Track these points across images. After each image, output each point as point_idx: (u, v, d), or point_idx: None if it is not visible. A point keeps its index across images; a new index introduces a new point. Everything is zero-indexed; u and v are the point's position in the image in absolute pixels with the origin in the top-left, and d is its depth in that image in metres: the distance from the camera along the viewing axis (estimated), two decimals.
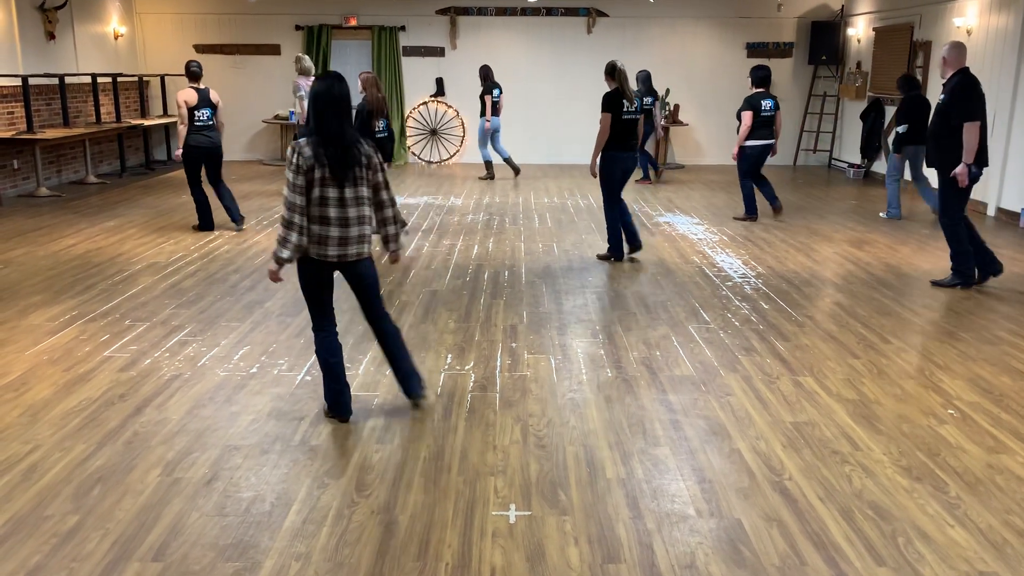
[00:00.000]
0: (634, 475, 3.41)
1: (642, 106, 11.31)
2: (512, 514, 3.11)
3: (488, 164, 12.15)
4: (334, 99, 3.63)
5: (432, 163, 14.10)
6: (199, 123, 7.83)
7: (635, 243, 7.18)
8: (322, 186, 3.59)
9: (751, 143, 8.83)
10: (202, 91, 7.87)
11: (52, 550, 2.85)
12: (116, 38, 12.85)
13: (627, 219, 7.16)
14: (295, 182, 3.55)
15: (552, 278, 6.61)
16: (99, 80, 11.78)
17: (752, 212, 9.12)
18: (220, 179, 8.11)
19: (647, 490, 3.29)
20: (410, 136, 14.15)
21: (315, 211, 3.62)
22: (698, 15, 13.79)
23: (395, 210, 3.87)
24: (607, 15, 13.72)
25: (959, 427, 3.92)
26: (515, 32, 13.84)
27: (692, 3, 13.73)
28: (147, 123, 12.54)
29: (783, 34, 13.95)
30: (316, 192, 3.59)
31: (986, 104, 6.14)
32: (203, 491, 3.24)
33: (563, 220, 9.06)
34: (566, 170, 13.27)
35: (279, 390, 4.26)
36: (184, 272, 6.58)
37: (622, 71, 6.77)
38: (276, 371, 4.51)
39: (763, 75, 8.82)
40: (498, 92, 11.86)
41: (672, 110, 13.70)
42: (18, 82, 10.10)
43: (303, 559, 2.82)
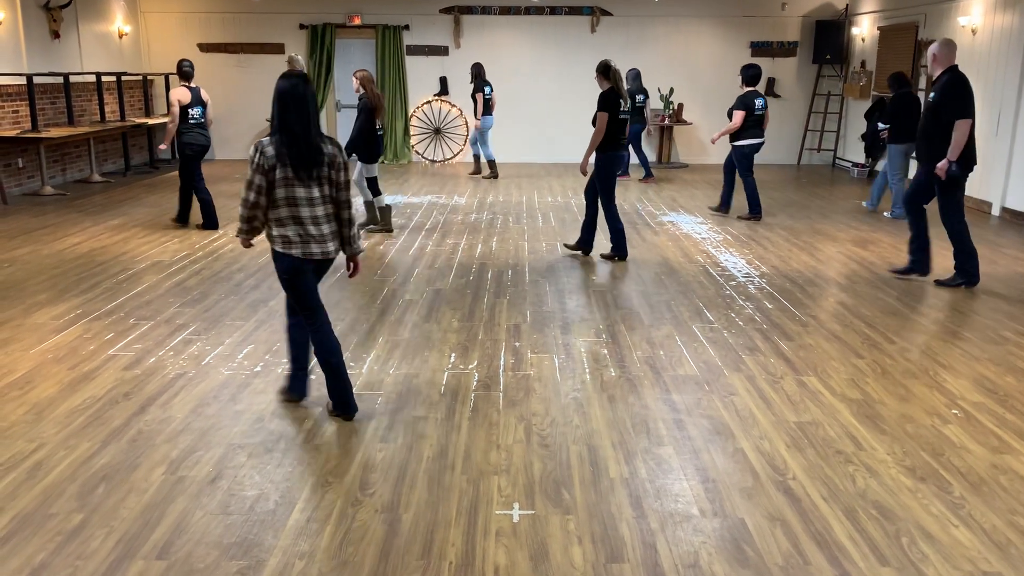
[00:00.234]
0: (637, 474, 3.41)
1: (635, 104, 11.36)
2: (516, 513, 3.11)
3: (491, 163, 12.14)
4: (298, 99, 3.60)
5: (436, 162, 14.11)
6: (193, 121, 7.94)
7: (588, 247, 7.31)
8: (287, 185, 3.59)
9: (746, 142, 8.88)
10: (194, 90, 8.00)
11: (57, 548, 2.85)
12: (120, 37, 12.88)
13: (596, 221, 7.25)
14: (256, 182, 3.55)
15: (555, 277, 6.61)
16: (103, 79, 11.80)
17: (757, 212, 9.11)
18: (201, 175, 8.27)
19: (650, 489, 3.29)
20: (414, 135, 14.16)
21: (285, 212, 3.62)
22: (702, 14, 13.78)
23: (352, 213, 3.84)
24: (611, 14, 13.72)
25: (963, 427, 3.92)
26: (519, 31, 13.84)
27: (696, 2, 13.71)
28: (151, 122, 12.56)
29: (787, 33, 13.93)
30: (282, 192, 3.59)
31: (975, 104, 6.13)
32: (207, 489, 3.25)
33: (566, 219, 9.05)
34: (570, 169, 13.26)
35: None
36: (188, 271, 6.60)
37: (616, 70, 6.79)
38: (280, 370, 4.51)
39: (755, 74, 8.86)
40: (489, 90, 11.87)
41: (676, 109, 13.69)
42: (23, 81, 10.12)
43: (307, 558, 2.82)
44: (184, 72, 8.01)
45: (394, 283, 6.34)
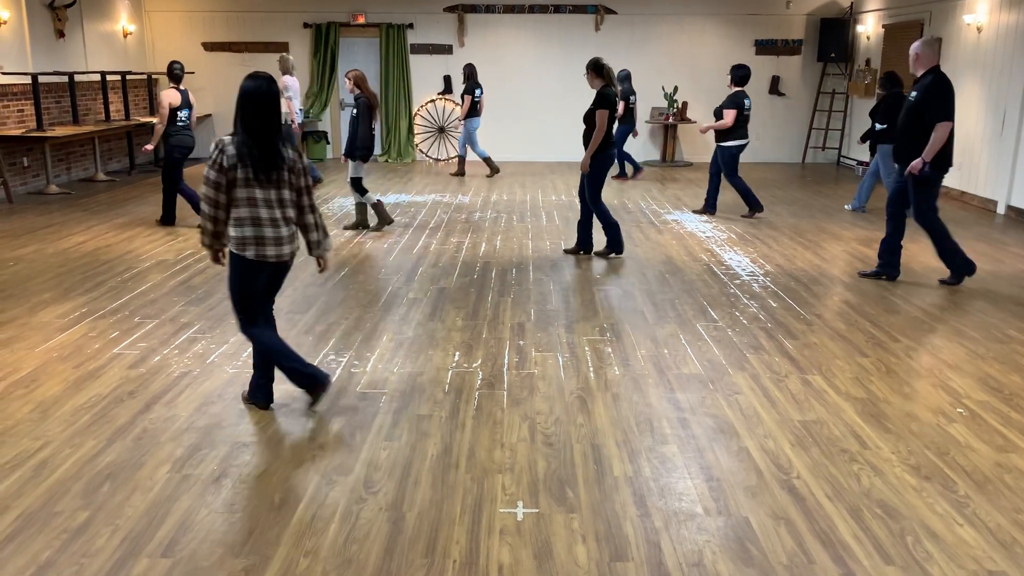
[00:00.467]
0: (642, 473, 3.41)
1: (627, 106, 11.38)
2: (520, 511, 3.11)
3: (487, 160, 12.18)
4: (262, 99, 3.60)
5: (439, 160, 14.11)
6: (181, 123, 8.06)
7: (588, 247, 7.31)
8: (247, 186, 3.59)
9: (734, 143, 8.91)
10: (183, 92, 8.10)
11: (62, 546, 2.86)
12: (125, 36, 12.90)
13: (612, 220, 7.23)
14: (216, 180, 3.55)
15: (559, 275, 6.61)
16: (108, 78, 11.83)
17: (757, 205, 9.12)
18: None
19: (655, 488, 3.29)
20: (418, 134, 14.17)
21: (244, 212, 3.61)
22: (707, 12, 13.76)
23: (317, 217, 3.84)
24: (615, 12, 13.70)
25: (968, 426, 3.91)
26: (523, 30, 13.84)
27: (701, 0, 13.69)
28: (156, 121, 12.57)
29: (792, 31, 13.91)
30: (242, 192, 3.59)
31: (955, 106, 6.11)
32: (212, 487, 3.26)
33: (571, 218, 9.05)
34: (573, 167, 13.24)
35: (288, 387, 4.26)
36: (193, 269, 6.61)
37: (610, 68, 6.79)
38: None
39: (744, 74, 8.91)
40: (480, 92, 11.88)
41: (680, 107, 13.68)
42: (28, 80, 10.15)
43: (311, 556, 2.83)
44: (174, 74, 8.14)
45: (398, 282, 6.35)
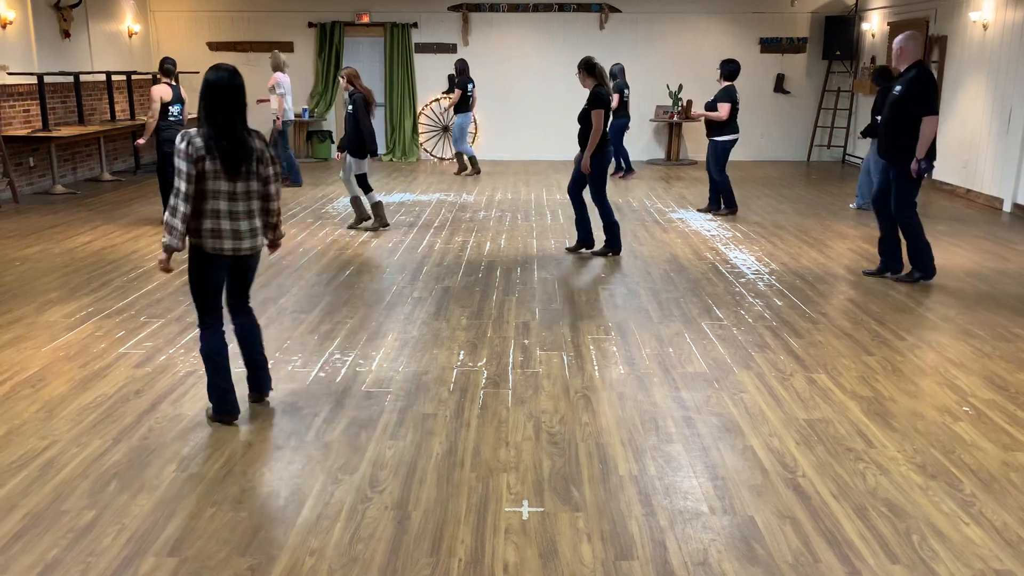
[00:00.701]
0: (647, 472, 3.41)
1: (621, 99, 11.38)
2: (525, 510, 3.11)
3: (472, 160, 12.23)
4: (227, 91, 3.58)
5: (444, 160, 14.10)
6: (173, 118, 8.12)
7: (590, 242, 7.31)
8: (214, 178, 3.58)
9: (726, 138, 8.94)
10: (175, 87, 8.16)
11: (69, 544, 2.87)
12: (130, 36, 12.92)
13: (588, 216, 7.25)
14: (187, 172, 3.54)
15: (564, 274, 6.61)
16: (114, 78, 11.85)
17: (733, 206, 9.18)
18: None
19: (660, 487, 3.29)
20: (422, 133, 14.17)
21: (205, 204, 3.60)
22: (711, 10, 13.73)
23: (278, 204, 3.84)
24: (619, 11, 13.68)
25: (974, 424, 3.90)
26: (527, 28, 13.83)
27: None
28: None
29: (797, 29, 13.87)
30: (208, 184, 3.58)
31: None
32: (218, 487, 3.26)
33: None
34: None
35: (293, 386, 4.28)
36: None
37: (601, 67, 6.81)
38: (290, 367, 4.53)
39: (735, 69, 8.97)
40: (471, 87, 11.89)
41: (685, 105, 13.65)
42: (34, 80, 10.17)
43: (317, 554, 2.83)
44: (166, 69, 8.24)
45: (403, 281, 6.35)
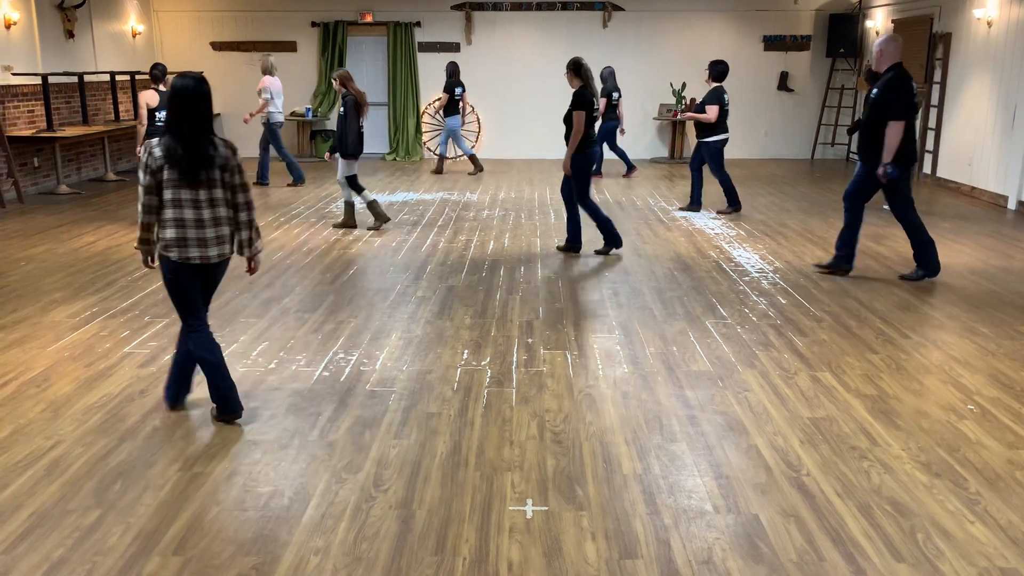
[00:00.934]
0: (651, 471, 3.41)
1: (610, 102, 11.39)
2: (529, 509, 3.11)
3: (442, 159, 12.27)
4: (191, 99, 3.58)
5: (448, 159, 14.10)
6: (160, 123, 8.13)
7: (577, 244, 7.29)
8: (174, 187, 3.57)
9: (717, 138, 8.96)
10: (163, 93, 8.17)
11: (75, 543, 2.88)
12: (134, 36, 12.95)
13: (579, 217, 7.24)
14: (147, 183, 3.56)
15: (568, 273, 6.61)
16: (117, 78, 11.87)
17: (737, 204, 9.17)
18: None
19: (664, 486, 3.29)
20: (425, 132, 14.17)
21: (170, 213, 3.60)
22: (715, 8, 13.71)
23: (251, 215, 3.80)
24: (623, 9, 13.67)
25: (979, 423, 3.89)
26: (530, 27, 13.82)
27: None
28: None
29: (800, 27, 13.85)
30: (169, 193, 3.58)
31: (915, 104, 6.09)
32: (223, 486, 3.27)
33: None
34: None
35: (297, 385, 4.29)
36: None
37: (588, 68, 6.81)
38: (294, 367, 4.54)
39: (723, 70, 8.97)
40: (460, 90, 11.88)
41: (688, 104, 13.63)
42: (38, 81, 10.20)
43: (322, 553, 2.84)
44: (154, 75, 8.32)
45: (406, 280, 6.36)
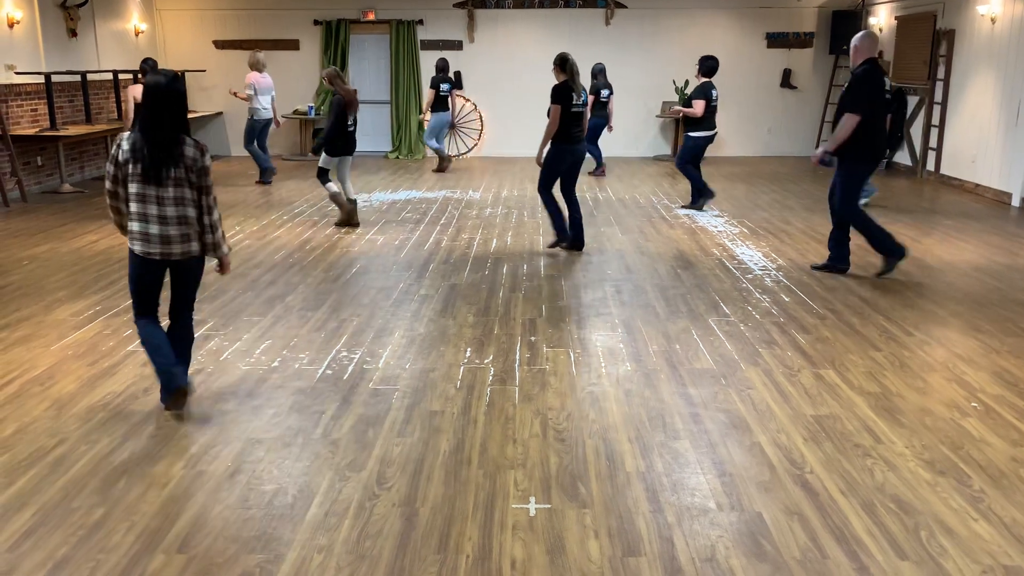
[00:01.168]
0: (654, 468, 3.41)
1: (599, 99, 11.38)
2: (532, 507, 3.12)
3: (438, 151, 12.26)
4: (162, 96, 3.59)
5: (452, 156, 14.10)
6: None
7: (580, 243, 7.27)
8: (139, 182, 3.62)
9: (700, 133, 8.96)
10: None
11: (79, 542, 2.89)
12: (137, 35, 12.95)
13: (576, 215, 7.24)
14: (113, 174, 3.63)
15: (570, 271, 6.61)
16: (120, 77, 11.88)
17: (708, 193, 9.17)
18: None
19: (667, 483, 3.29)
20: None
21: (135, 207, 3.65)
22: (718, 5, 13.69)
23: (214, 219, 3.82)
24: (625, 6, 13.66)
25: (983, 420, 3.89)
26: (533, 25, 13.81)
27: None
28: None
29: (804, 24, 13.82)
30: (134, 188, 3.63)
31: (886, 98, 6.11)
32: (226, 484, 3.28)
33: (582, 213, 9.02)
34: (588, 163, 13.22)
35: (300, 383, 4.29)
36: (206, 267, 6.62)
37: (573, 64, 6.83)
38: (297, 365, 4.54)
39: (712, 66, 8.98)
40: (447, 87, 11.86)
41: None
42: (41, 80, 10.21)
43: (325, 551, 2.84)
44: (144, 71, 8.40)
45: (409, 278, 6.36)
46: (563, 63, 6.83)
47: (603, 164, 12.07)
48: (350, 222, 8.19)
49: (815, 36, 13.84)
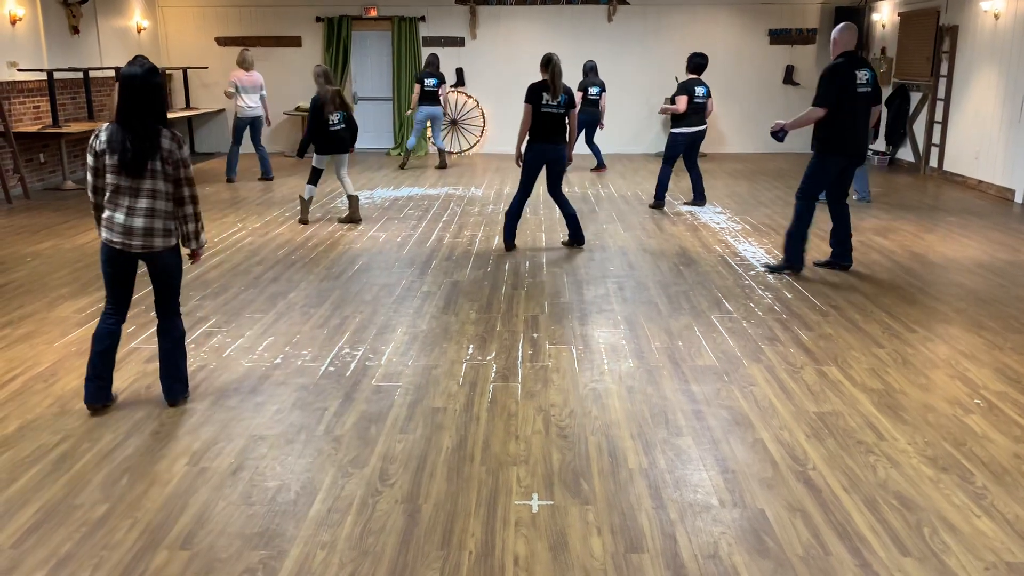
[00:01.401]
0: (656, 465, 3.41)
1: (587, 96, 11.35)
2: (535, 503, 3.12)
3: (409, 152, 12.22)
4: (138, 88, 3.60)
5: (452, 153, 14.10)
6: None
7: (579, 238, 7.27)
8: (114, 173, 3.64)
9: (682, 130, 8.93)
10: None
11: (82, 538, 2.89)
12: (139, 32, 12.95)
13: (570, 211, 7.23)
14: (93, 164, 3.67)
15: (573, 268, 6.60)
16: None
17: (661, 200, 9.14)
18: None
19: (670, 480, 3.29)
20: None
21: (108, 196, 3.69)
22: (720, 2, 13.66)
23: (194, 209, 3.82)
24: (628, 3, 13.63)
25: (985, 417, 3.88)
26: (535, 21, 13.79)
27: None
28: (170, 116, 12.62)
29: (806, 20, 13.79)
30: (109, 178, 3.66)
31: (860, 92, 6.08)
32: (229, 480, 3.28)
33: (584, 210, 9.03)
34: (588, 159, 13.22)
35: (303, 380, 4.29)
36: (208, 264, 6.64)
37: (556, 64, 6.75)
38: (300, 362, 4.55)
39: (700, 62, 8.96)
40: (435, 82, 11.81)
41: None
42: (43, 76, 10.21)
43: (328, 548, 2.85)
44: None
45: (412, 275, 6.36)
46: (546, 63, 6.77)
47: (604, 165, 12.06)
48: (352, 219, 8.20)
49: (818, 32, 13.81)
